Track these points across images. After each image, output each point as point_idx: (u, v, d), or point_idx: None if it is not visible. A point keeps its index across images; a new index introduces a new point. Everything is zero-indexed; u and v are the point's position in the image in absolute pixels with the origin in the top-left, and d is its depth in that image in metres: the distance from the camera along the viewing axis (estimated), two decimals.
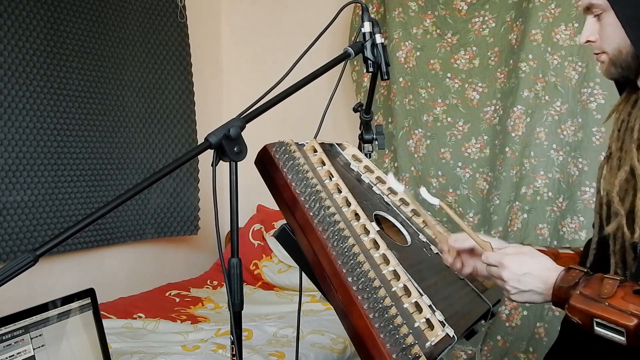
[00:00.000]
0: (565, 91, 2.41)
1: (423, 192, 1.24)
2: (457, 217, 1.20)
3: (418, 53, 2.70)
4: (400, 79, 2.69)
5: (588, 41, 1.11)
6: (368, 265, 1.07)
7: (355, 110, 1.56)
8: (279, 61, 2.78)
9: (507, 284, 1.08)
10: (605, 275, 1.00)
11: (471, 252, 1.22)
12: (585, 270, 1.03)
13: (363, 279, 1.04)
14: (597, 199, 1.18)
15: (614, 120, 1.15)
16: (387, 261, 1.10)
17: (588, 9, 1.09)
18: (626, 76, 1.10)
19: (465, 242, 1.20)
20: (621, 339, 0.94)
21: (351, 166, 1.41)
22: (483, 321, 1.25)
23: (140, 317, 2.32)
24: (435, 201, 1.22)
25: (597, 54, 1.11)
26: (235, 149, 1.03)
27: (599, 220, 1.15)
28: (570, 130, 2.41)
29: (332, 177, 1.24)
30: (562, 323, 1.23)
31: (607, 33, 1.07)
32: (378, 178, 1.41)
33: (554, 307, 1.07)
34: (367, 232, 1.15)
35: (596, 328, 0.97)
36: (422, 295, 1.07)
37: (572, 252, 1.30)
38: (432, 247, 1.32)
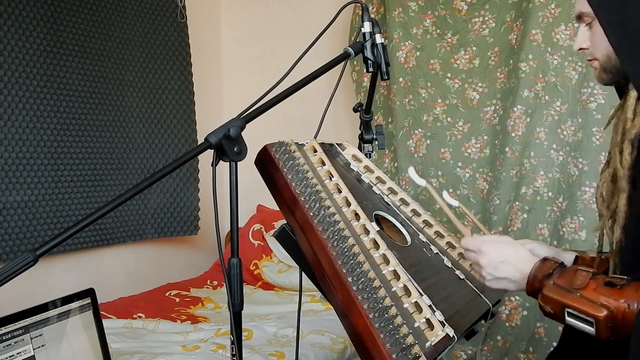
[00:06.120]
0: (565, 91, 2.41)
1: (411, 172, 1.27)
2: (440, 200, 1.25)
3: (418, 53, 2.70)
4: (400, 79, 2.69)
5: (581, 48, 1.15)
6: (368, 265, 1.07)
7: (355, 110, 1.56)
8: (279, 61, 2.78)
9: (483, 269, 1.12)
10: (579, 267, 1.02)
11: None
12: (561, 262, 1.05)
13: (363, 279, 1.04)
14: None
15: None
16: (387, 261, 1.10)
17: (580, 18, 1.13)
18: (617, 81, 1.12)
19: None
20: (591, 329, 0.95)
21: (351, 166, 1.41)
22: (483, 321, 1.25)
23: (140, 317, 2.32)
24: (422, 182, 1.27)
25: (589, 60, 1.15)
26: (235, 149, 1.03)
27: None
28: (570, 130, 2.41)
29: (332, 177, 1.24)
30: (564, 328, 1.24)
31: (596, 40, 1.10)
32: (378, 178, 1.41)
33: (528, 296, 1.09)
34: (367, 232, 1.14)
35: (567, 318, 0.98)
36: (422, 295, 1.07)
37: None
38: (432, 247, 1.32)
